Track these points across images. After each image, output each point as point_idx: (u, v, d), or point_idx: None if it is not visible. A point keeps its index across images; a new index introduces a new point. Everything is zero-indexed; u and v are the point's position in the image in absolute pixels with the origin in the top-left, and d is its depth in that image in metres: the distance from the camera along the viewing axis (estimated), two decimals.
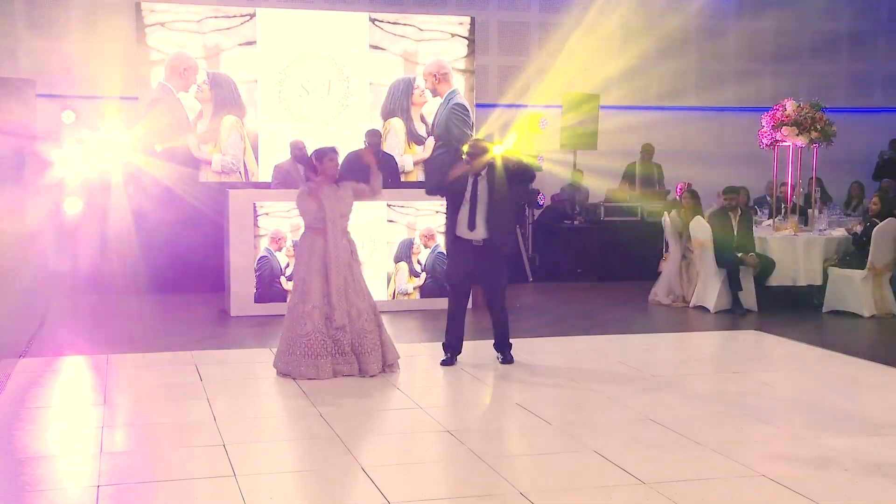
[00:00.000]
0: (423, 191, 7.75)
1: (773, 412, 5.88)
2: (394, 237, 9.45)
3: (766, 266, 9.61)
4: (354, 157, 9.05)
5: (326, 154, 6.57)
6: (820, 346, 7.85)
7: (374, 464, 4.78)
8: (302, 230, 6.68)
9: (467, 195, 6.75)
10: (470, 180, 6.76)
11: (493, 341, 7.11)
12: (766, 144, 10.22)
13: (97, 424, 5.42)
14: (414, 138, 11.88)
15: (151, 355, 7.25)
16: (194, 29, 11.16)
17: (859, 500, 4.39)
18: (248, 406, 5.97)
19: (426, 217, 9.45)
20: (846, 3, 14.56)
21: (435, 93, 11.91)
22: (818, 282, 9.71)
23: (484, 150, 6.76)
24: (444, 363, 6.93)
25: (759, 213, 11.21)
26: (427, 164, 11.85)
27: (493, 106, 12.64)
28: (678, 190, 10.67)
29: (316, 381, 6.33)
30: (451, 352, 6.99)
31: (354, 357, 6.52)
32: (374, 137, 10.59)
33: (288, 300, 6.86)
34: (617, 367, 7.08)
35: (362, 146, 10.24)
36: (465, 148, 6.94)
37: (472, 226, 6.73)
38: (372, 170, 6.77)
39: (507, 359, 7.02)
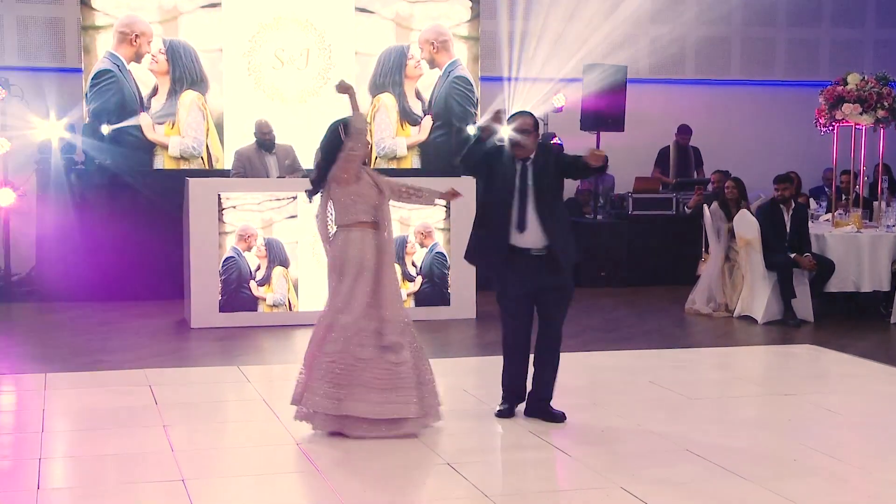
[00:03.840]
0: (418, 180, 7.70)
1: (833, 441, 5.88)
2: None
3: (824, 269, 9.60)
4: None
5: (350, 136, 5.78)
6: (887, 363, 7.85)
7: None
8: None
9: (517, 185, 5.98)
10: (518, 166, 6.03)
11: (521, 383, 6.21)
12: (824, 125, 10.22)
13: (33, 456, 5.39)
14: (408, 117, 11.88)
15: (97, 374, 7.23)
16: None
17: None
18: (211, 435, 5.96)
19: (422, 211, 9.45)
20: None
21: (433, 64, 11.91)
22: (885, 287, 9.73)
23: (535, 125, 6.04)
24: (500, 414, 6.16)
25: (815, 206, 11.21)
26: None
27: (501, 79, 12.64)
28: (712, 181, 10.67)
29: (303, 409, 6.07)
30: (511, 399, 6.21)
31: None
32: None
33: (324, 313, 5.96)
34: (648, 388, 7.08)
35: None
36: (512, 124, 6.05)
37: (521, 226, 5.98)
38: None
39: (553, 415, 6.10)
